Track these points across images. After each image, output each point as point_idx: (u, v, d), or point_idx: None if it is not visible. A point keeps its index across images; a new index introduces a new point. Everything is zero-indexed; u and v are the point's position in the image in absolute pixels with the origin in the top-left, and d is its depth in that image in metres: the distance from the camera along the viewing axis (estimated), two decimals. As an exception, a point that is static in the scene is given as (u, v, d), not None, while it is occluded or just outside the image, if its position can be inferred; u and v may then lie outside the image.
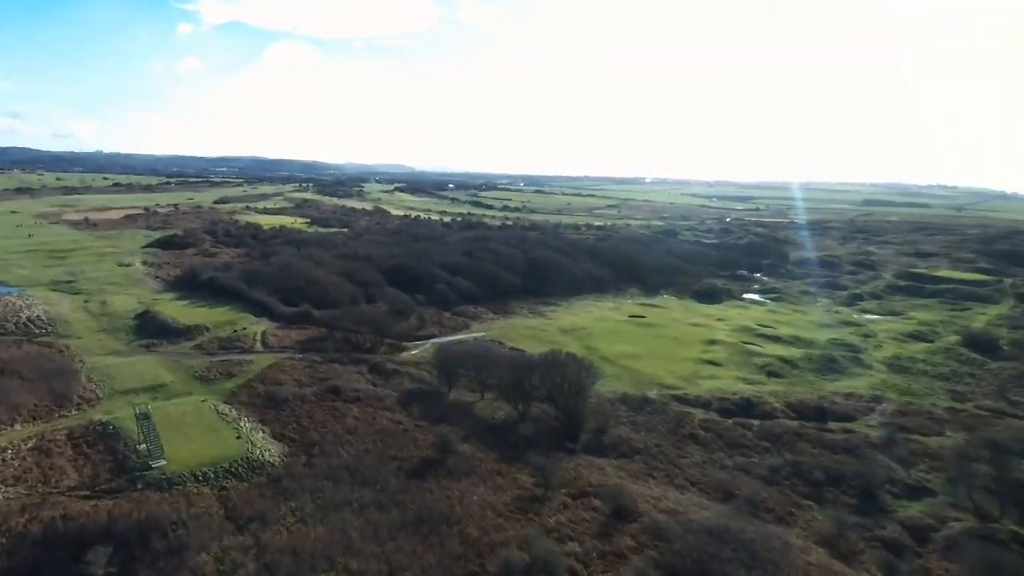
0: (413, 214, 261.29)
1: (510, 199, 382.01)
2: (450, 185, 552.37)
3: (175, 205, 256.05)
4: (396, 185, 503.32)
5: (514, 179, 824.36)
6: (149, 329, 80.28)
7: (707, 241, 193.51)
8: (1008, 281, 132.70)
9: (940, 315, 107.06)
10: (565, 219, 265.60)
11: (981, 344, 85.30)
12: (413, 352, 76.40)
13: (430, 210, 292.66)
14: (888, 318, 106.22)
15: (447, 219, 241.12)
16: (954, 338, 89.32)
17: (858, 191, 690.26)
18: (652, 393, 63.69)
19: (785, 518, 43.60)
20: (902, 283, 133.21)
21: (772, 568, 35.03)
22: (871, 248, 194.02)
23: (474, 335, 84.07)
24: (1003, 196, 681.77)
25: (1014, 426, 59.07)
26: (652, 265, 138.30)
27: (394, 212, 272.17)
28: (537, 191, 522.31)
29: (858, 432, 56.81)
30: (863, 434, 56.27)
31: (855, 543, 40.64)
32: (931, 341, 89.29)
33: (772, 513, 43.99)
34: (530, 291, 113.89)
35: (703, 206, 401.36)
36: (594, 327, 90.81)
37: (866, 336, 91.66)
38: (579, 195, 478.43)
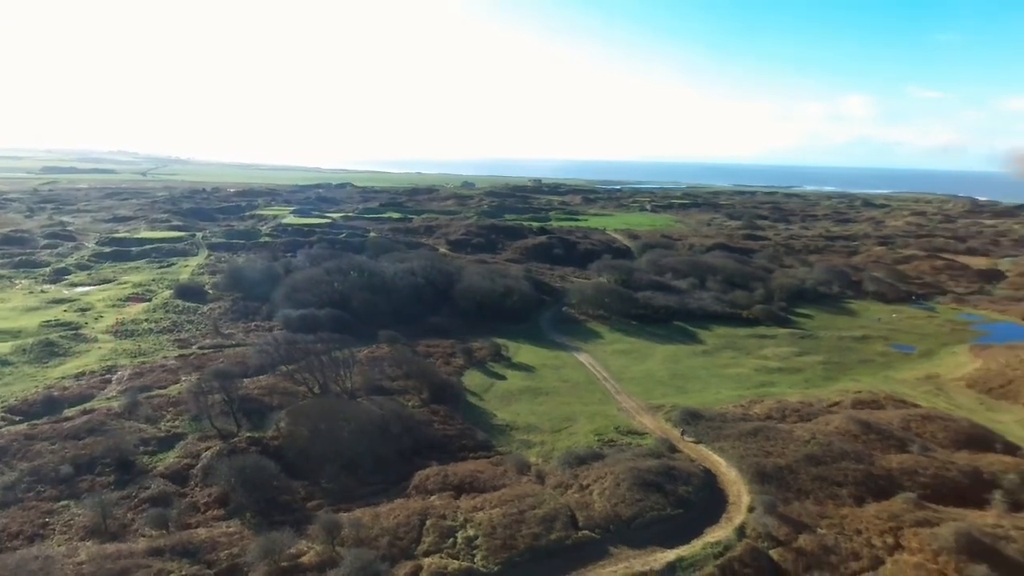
0: None
1: None
2: None
3: None
4: None
5: None
6: None
7: None
8: (199, 235, 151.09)
9: (151, 275, 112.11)
10: None
11: (190, 293, 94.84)
12: None
13: None
14: (102, 287, 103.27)
15: None
16: (167, 293, 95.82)
17: (35, 158, 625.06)
18: None
19: (40, 533, 37.77)
20: (107, 250, 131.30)
21: (37, 595, 29.94)
22: (65, 218, 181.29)
23: None
24: (180, 161, 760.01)
25: (230, 354, 69.58)
26: None
27: None
28: None
29: (99, 409, 54.02)
30: (105, 408, 53.95)
31: (124, 517, 39.48)
32: (149, 300, 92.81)
33: (21, 536, 37.22)
34: None
35: None
36: None
37: (84, 310, 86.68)
38: None
